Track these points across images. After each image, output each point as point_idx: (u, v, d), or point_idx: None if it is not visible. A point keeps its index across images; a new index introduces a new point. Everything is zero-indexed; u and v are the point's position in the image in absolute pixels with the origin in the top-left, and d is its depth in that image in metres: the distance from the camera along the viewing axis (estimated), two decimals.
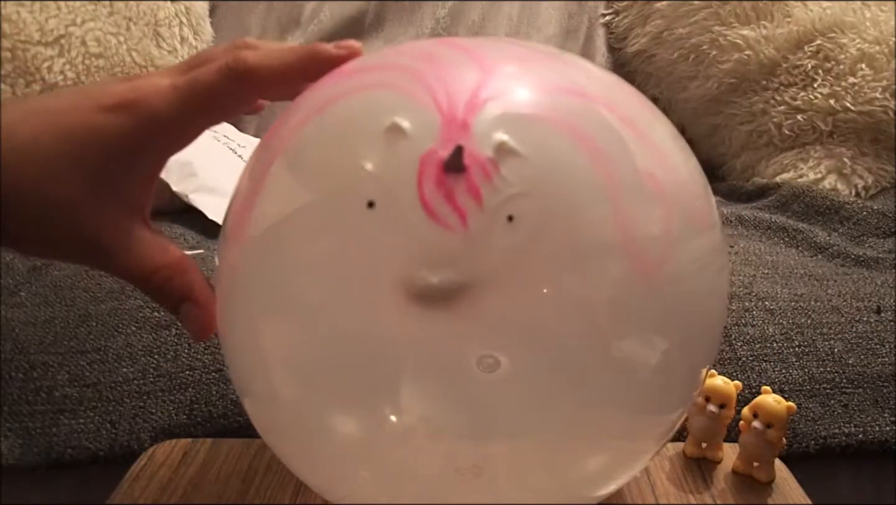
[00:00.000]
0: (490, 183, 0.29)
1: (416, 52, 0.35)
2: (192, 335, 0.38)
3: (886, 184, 1.12)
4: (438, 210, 0.29)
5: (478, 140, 0.30)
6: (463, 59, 0.33)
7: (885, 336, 0.71)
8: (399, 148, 0.30)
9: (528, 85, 0.33)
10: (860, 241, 0.98)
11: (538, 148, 0.30)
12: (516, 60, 0.34)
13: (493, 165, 0.30)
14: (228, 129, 1.11)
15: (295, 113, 0.36)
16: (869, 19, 1.16)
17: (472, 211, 0.29)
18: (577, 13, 1.38)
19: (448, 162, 0.29)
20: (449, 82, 0.32)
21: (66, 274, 0.75)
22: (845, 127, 1.13)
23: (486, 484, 0.32)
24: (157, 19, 1.12)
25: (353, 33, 1.29)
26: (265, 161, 0.35)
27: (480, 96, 0.31)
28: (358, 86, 0.34)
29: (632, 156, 0.32)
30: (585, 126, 0.32)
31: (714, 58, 1.23)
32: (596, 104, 0.33)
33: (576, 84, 0.34)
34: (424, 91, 0.31)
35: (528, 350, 0.30)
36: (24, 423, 0.62)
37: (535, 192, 0.30)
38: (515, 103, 0.32)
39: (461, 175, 0.29)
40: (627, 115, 0.34)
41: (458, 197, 0.29)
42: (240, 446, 0.50)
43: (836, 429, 0.65)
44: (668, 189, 0.33)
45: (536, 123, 0.31)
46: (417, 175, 0.30)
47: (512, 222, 0.29)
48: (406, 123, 0.31)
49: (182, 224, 0.95)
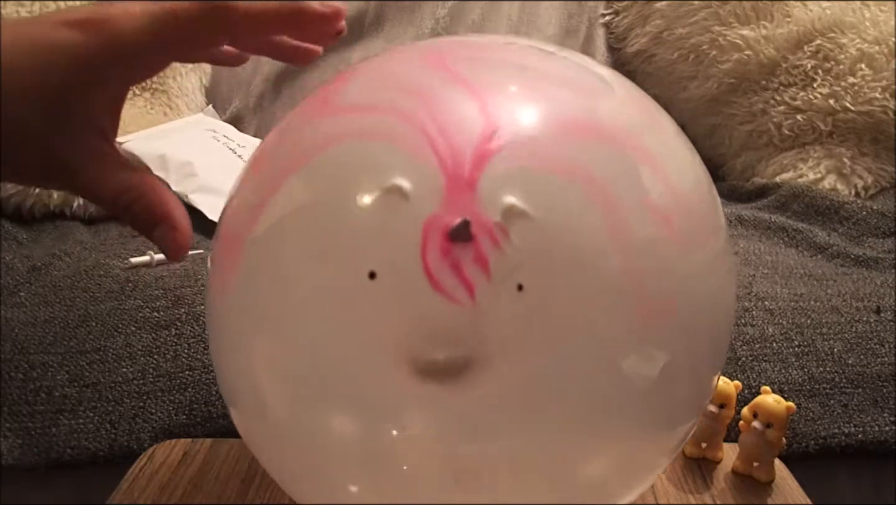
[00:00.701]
0: (499, 251, 0.28)
1: (409, 84, 0.32)
2: (168, 256, 0.37)
3: (886, 184, 1.12)
4: (444, 283, 0.27)
5: (485, 202, 0.28)
6: (463, 98, 0.31)
7: (885, 336, 0.71)
8: (400, 212, 0.28)
9: (537, 127, 0.30)
10: (860, 241, 0.98)
11: (549, 208, 0.28)
12: (522, 91, 0.32)
13: (501, 232, 0.28)
14: (228, 129, 1.11)
15: (282, 144, 0.34)
16: (869, 19, 1.16)
17: (479, 282, 0.27)
18: (576, 13, 1.38)
19: (454, 232, 0.27)
20: (451, 132, 0.29)
21: (66, 274, 0.75)
22: (845, 127, 1.13)
23: (487, 497, 0.32)
24: None
25: (353, 33, 1.29)
26: (256, 199, 0.33)
27: (486, 149, 0.29)
28: (350, 131, 0.31)
29: (645, 199, 0.30)
30: (598, 173, 0.30)
31: (714, 58, 1.23)
32: (609, 142, 0.31)
33: (587, 114, 0.31)
34: (425, 143, 0.29)
35: (535, 411, 0.29)
36: (23, 423, 0.62)
37: (545, 256, 0.28)
38: (524, 155, 0.29)
39: (468, 244, 0.27)
40: (640, 144, 0.32)
41: (465, 268, 0.27)
42: (240, 446, 0.50)
43: (836, 429, 0.65)
44: (680, 225, 0.31)
45: (547, 177, 0.29)
46: (421, 244, 0.27)
47: (521, 291, 0.28)
48: (407, 185, 0.28)
49: None
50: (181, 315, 0.68)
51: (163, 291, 0.71)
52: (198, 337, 0.67)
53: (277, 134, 0.35)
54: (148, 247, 0.83)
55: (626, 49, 1.35)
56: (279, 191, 0.31)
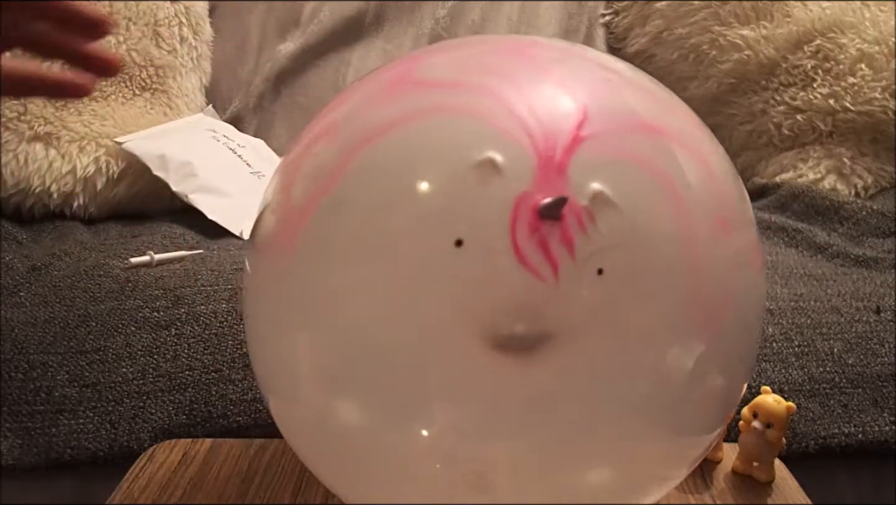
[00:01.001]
0: (584, 234, 0.29)
1: (494, 67, 0.33)
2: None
3: (886, 184, 1.12)
4: (530, 258, 0.28)
5: (574, 187, 0.29)
6: (551, 86, 0.31)
7: (885, 336, 0.71)
8: (492, 185, 0.29)
9: (618, 123, 0.31)
10: (860, 241, 0.98)
11: (630, 197, 0.30)
12: (598, 88, 0.33)
13: (588, 216, 0.29)
14: (228, 129, 1.11)
15: (358, 114, 0.33)
16: (868, 19, 1.16)
17: (564, 262, 0.28)
18: (576, 13, 1.38)
19: (546, 209, 0.28)
20: (543, 116, 0.30)
21: (66, 274, 0.75)
22: (845, 127, 1.13)
23: (508, 497, 0.32)
24: (156, 19, 1.12)
25: (353, 33, 1.29)
26: (323, 176, 0.33)
27: (578, 135, 0.30)
28: (438, 104, 0.31)
29: (700, 194, 0.32)
30: (670, 171, 0.31)
31: (714, 58, 1.23)
32: (673, 141, 0.32)
33: (653, 115, 0.33)
34: (517, 123, 0.30)
35: (596, 396, 0.30)
36: (23, 423, 0.62)
37: (624, 244, 0.29)
38: (610, 145, 0.30)
39: (556, 223, 0.28)
40: (694, 146, 0.33)
41: (551, 246, 0.28)
42: (240, 446, 0.50)
43: (836, 429, 0.65)
44: (727, 220, 0.33)
45: (630, 169, 0.30)
46: (510, 218, 0.28)
47: (601, 275, 0.29)
48: (500, 159, 0.29)
49: (182, 224, 0.95)
50: (181, 315, 0.68)
51: (163, 291, 0.71)
52: (198, 337, 0.67)
53: (348, 105, 0.35)
54: (148, 247, 0.83)
55: (626, 49, 1.35)
56: (360, 156, 0.31)
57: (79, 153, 1.00)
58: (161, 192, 1.00)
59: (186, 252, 0.84)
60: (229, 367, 0.65)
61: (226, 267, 0.77)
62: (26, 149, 0.98)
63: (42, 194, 0.98)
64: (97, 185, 1.00)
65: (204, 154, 1.02)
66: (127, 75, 1.08)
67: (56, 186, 0.98)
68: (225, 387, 0.63)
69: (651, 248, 0.30)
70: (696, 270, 0.31)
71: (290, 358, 0.33)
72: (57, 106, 1.02)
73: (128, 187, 1.01)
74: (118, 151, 1.01)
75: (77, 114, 1.03)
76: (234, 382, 0.64)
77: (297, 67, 1.25)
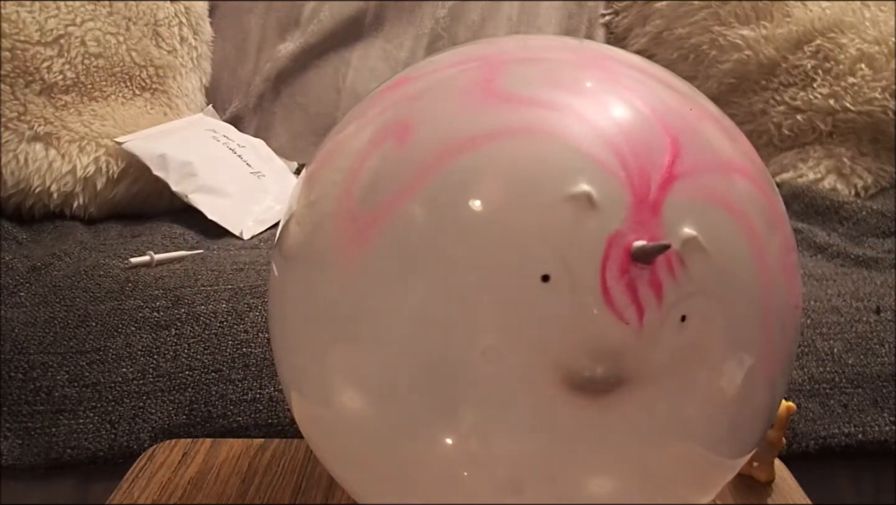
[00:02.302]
0: (673, 280, 0.28)
1: (574, 80, 0.31)
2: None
3: (886, 184, 1.12)
4: (618, 301, 0.27)
5: (667, 229, 0.28)
6: (638, 112, 0.30)
7: (885, 336, 0.71)
8: (585, 220, 0.28)
9: (705, 160, 0.30)
10: (860, 241, 0.98)
11: (720, 243, 0.29)
12: (681, 116, 0.31)
13: (679, 262, 0.28)
14: (228, 129, 1.11)
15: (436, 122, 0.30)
16: (868, 19, 1.16)
17: (650, 307, 0.28)
18: (576, 13, 1.38)
19: (642, 253, 0.27)
20: (637, 147, 0.29)
21: (66, 274, 0.75)
22: (845, 127, 1.13)
23: None
24: (156, 19, 1.12)
25: (353, 33, 1.29)
26: (395, 185, 0.30)
27: (672, 172, 0.28)
28: (523, 124, 0.29)
29: (775, 236, 0.32)
30: (748, 211, 0.30)
31: (714, 58, 1.23)
32: (747, 178, 0.31)
33: (728, 150, 0.32)
34: (612, 156, 0.28)
35: (664, 435, 0.30)
36: (23, 423, 0.62)
37: (709, 291, 0.28)
38: (699, 185, 0.29)
39: (646, 266, 0.27)
40: (758, 178, 0.32)
41: (640, 290, 0.27)
42: (240, 446, 0.50)
43: (836, 429, 0.65)
44: (791, 245, 0.33)
45: (717, 212, 0.29)
46: (602, 258, 0.27)
47: (683, 322, 0.28)
48: (596, 193, 0.28)
49: (182, 224, 0.95)
50: (181, 315, 0.68)
51: (163, 291, 0.71)
52: (198, 337, 0.67)
53: (417, 105, 0.32)
54: (148, 247, 0.83)
55: (625, 49, 1.35)
56: (441, 170, 0.29)
57: (79, 153, 1.00)
58: (161, 192, 1.00)
59: (186, 252, 0.84)
60: (229, 367, 0.65)
61: (226, 267, 0.77)
62: (26, 149, 0.98)
63: (42, 194, 0.98)
64: (97, 185, 1.00)
65: (204, 154, 1.02)
66: (127, 75, 1.09)
67: (56, 186, 0.98)
68: (225, 387, 0.63)
69: (733, 295, 0.29)
70: (769, 309, 0.31)
71: (335, 368, 0.32)
72: (57, 106, 1.02)
73: (128, 187, 1.01)
74: (118, 151, 1.01)
75: (77, 114, 1.03)
76: (234, 382, 0.64)
77: (297, 67, 1.25)
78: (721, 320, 0.29)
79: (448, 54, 0.35)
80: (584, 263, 0.27)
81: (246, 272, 0.76)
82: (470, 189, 0.29)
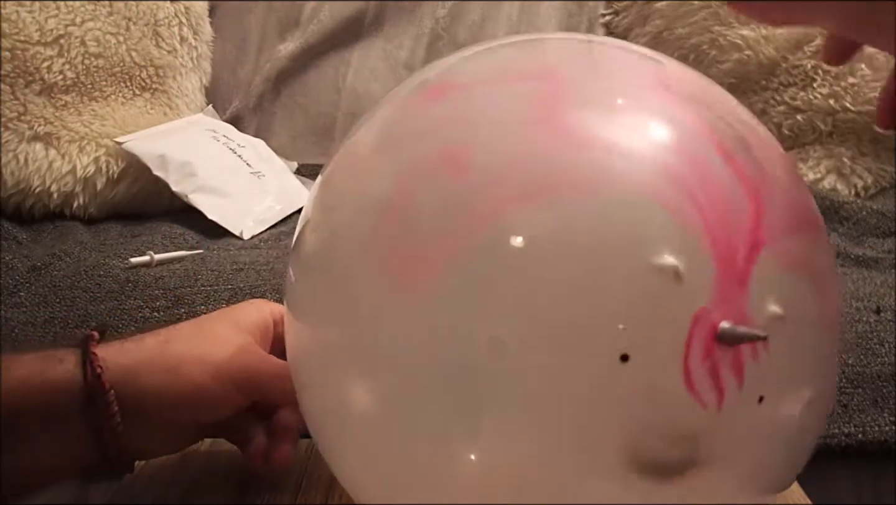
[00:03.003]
0: (756, 362, 0.26)
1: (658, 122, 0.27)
2: None
3: (886, 184, 1.12)
4: (699, 384, 0.25)
5: (753, 305, 0.26)
6: (714, 157, 0.27)
7: (885, 336, 0.71)
8: (669, 296, 0.25)
9: (786, 218, 0.27)
10: (860, 241, 0.98)
11: (799, 313, 0.26)
12: (765, 169, 0.28)
13: (763, 344, 0.26)
14: (228, 129, 1.11)
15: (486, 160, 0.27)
16: None
17: (730, 390, 0.25)
18: (576, 13, 1.38)
19: (731, 337, 0.25)
20: (718, 206, 0.26)
21: (66, 274, 0.75)
22: (845, 127, 1.13)
23: None
24: (156, 19, 1.12)
25: (353, 33, 1.29)
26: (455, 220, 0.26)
27: (757, 238, 0.26)
28: (602, 175, 0.26)
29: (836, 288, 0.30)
30: (822, 268, 0.28)
31: (714, 58, 1.23)
32: (817, 232, 0.30)
33: (799, 200, 0.29)
34: (697, 218, 0.25)
35: None
36: None
37: (788, 367, 0.27)
38: (782, 251, 0.27)
39: (730, 348, 0.25)
40: (819, 224, 0.31)
41: (722, 373, 0.25)
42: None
43: (836, 429, 0.65)
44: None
45: (798, 280, 0.27)
46: (686, 338, 0.25)
47: (761, 403, 0.26)
48: (682, 267, 0.25)
49: (182, 224, 0.95)
50: (181, 315, 0.68)
51: (163, 291, 0.71)
52: None
53: (470, 130, 0.28)
54: (148, 247, 0.83)
55: None
56: (505, 218, 0.26)
57: (79, 153, 1.00)
58: (161, 192, 1.00)
59: (186, 252, 0.84)
60: None
61: (226, 267, 0.77)
62: (26, 149, 0.98)
63: (42, 194, 0.98)
64: (97, 185, 1.00)
65: (204, 154, 1.02)
66: (127, 75, 1.09)
67: (56, 186, 0.98)
68: None
69: (811, 367, 0.28)
70: (834, 367, 0.30)
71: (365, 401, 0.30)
72: (57, 106, 1.02)
73: (128, 187, 1.02)
74: (118, 151, 1.01)
75: (77, 114, 1.03)
76: None
77: (297, 67, 1.25)
78: (800, 393, 0.28)
79: (497, 58, 0.32)
80: (666, 343, 0.25)
81: (246, 272, 0.76)
82: (543, 242, 0.26)
